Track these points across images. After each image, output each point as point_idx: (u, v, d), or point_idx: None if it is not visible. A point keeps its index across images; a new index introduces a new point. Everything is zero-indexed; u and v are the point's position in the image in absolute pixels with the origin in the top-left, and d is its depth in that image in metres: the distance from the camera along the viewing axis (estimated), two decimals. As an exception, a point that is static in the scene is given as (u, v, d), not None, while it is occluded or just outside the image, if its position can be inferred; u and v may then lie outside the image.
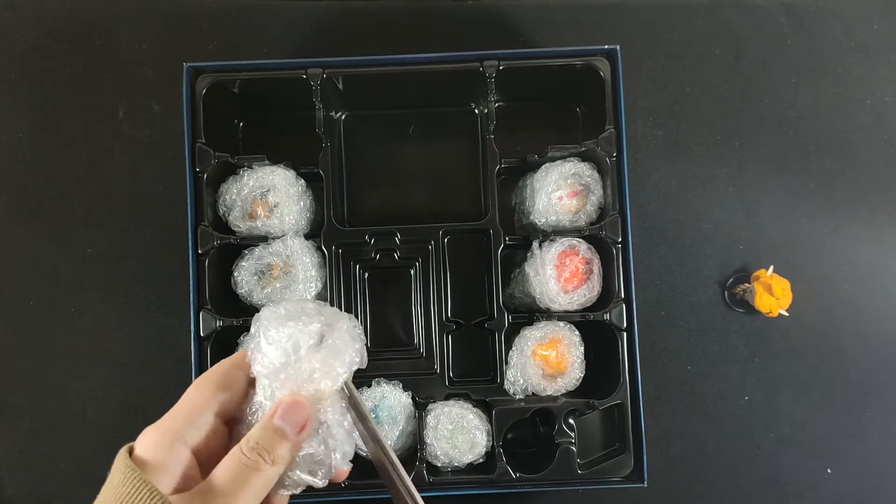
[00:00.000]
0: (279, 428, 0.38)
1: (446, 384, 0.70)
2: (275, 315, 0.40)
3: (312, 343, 0.39)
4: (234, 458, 0.38)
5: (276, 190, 0.67)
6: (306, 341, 0.39)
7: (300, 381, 0.39)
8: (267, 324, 0.40)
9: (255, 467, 0.37)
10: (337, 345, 0.40)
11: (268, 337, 0.39)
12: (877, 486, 0.74)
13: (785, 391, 0.75)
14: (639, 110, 0.76)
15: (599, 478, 0.67)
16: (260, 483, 0.38)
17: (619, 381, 0.66)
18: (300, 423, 0.39)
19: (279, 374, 0.39)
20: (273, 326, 0.40)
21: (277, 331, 0.39)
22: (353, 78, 0.69)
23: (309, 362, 0.39)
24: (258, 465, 0.38)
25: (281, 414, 0.39)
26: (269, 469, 0.38)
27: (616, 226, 0.67)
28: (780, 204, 0.76)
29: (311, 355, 0.39)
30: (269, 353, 0.39)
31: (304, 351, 0.39)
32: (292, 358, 0.39)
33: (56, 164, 0.75)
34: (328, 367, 0.40)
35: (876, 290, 0.76)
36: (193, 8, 0.77)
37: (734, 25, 0.78)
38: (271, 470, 0.38)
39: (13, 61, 0.76)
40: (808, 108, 0.77)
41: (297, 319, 0.40)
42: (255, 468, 0.37)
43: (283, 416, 0.39)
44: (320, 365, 0.39)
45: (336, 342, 0.40)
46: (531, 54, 0.70)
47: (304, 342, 0.39)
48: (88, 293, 0.74)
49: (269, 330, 0.40)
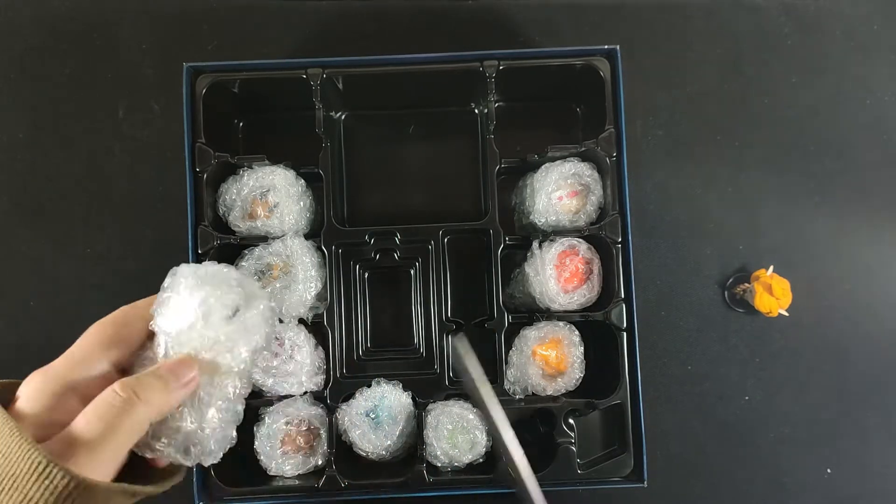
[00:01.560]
0: (160, 374, 0.37)
1: (446, 384, 0.70)
2: (193, 274, 0.38)
3: (225, 314, 0.38)
4: (102, 398, 0.36)
5: (276, 190, 0.67)
6: (219, 311, 0.38)
7: (200, 348, 0.38)
8: (183, 281, 0.38)
9: (124, 406, 0.35)
10: (248, 324, 0.38)
11: (180, 294, 0.38)
12: (877, 486, 0.74)
13: (785, 391, 0.75)
14: (639, 110, 0.76)
15: (599, 478, 0.67)
16: (127, 425, 0.36)
17: (619, 381, 0.66)
18: (184, 377, 0.37)
19: (181, 335, 0.37)
20: (188, 285, 0.38)
21: (191, 292, 0.38)
22: (353, 78, 0.69)
23: (215, 332, 0.37)
24: (128, 402, 0.36)
25: (168, 365, 0.37)
26: (139, 408, 0.36)
27: (616, 226, 0.67)
28: (780, 204, 0.76)
29: (219, 326, 0.38)
30: (178, 312, 0.37)
31: (213, 318, 0.37)
32: (199, 323, 0.37)
33: (56, 164, 0.75)
34: (232, 343, 0.38)
35: (876, 290, 0.76)
36: (193, 8, 0.77)
37: (734, 25, 0.78)
38: (140, 410, 0.36)
39: (13, 61, 0.76)
40: (808, 108, 0.77)
41: (215, 286, 0.38)
42: (123, 407, 0.35)
43: (170, 367, 0.37)
44: (225, 339, 0.38)
45: (248, 321, 0.38)
46: (531, 54, 0.70)
47: (217, 311, 0.38)
48: (88, 293, 0.74)
49: (182, 287, 0.38)
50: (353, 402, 0.66)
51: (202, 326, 0.37)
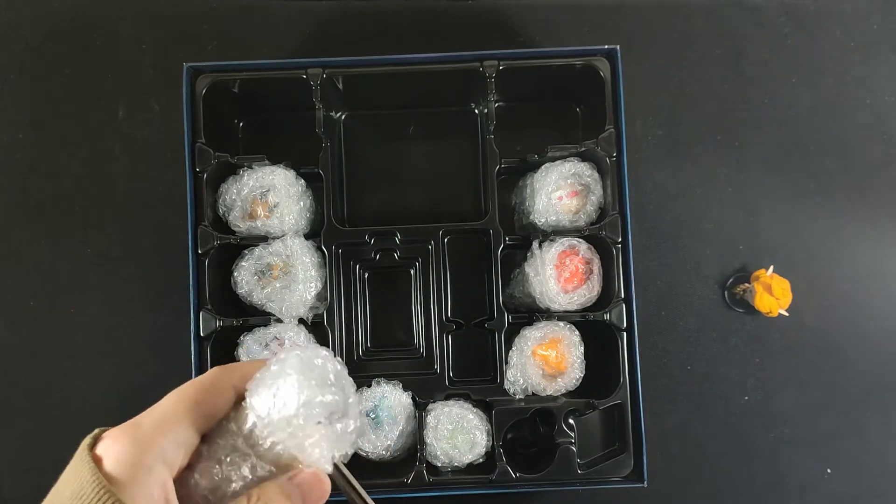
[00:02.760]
0: (294, 496, 0.35)
1: (446, 384, 0.70)
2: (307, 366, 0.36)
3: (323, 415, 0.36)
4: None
5: (276, 190, 0.67)
6: (320, 413, 0.36)
7: (288, 443, 0.36)
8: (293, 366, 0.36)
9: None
10: (346, 435, 0.36)
11: (286, 382, 0.35)
12: (877, 486, 0.74)
13: (785, 391, 0.75)
14: (639, 110, 0.76)
15: (599, 478, 0.67)
16: None
17: (619, 381, 0.66)
18: (315, 499, 0.35)
19: (273, 424, 0.35)
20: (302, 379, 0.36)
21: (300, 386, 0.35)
22: (353, 78, 0.69)
23: (305, 433, 0.35)
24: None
25: (300, 481, 0.35)
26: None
27: (616, 226, 0.67)
28: (780, 204, 0.76)
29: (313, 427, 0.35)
30: (278, 400, 0.35)
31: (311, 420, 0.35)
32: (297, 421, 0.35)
33: (56, 164, 0.75)
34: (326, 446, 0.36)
35: (876, 290, 0.76)
36: (193, 8, 0.77)
37: (734, 25, 0.78)
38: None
39: (13, 61, 0.76)
40: (808, 108, 0.77)
41: (322, 385, 0.36)
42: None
43: (303, 484, 0.35)
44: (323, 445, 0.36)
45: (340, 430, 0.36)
46: (531, 54, 0.70)
47: (317, 412, 0.35)
48: (88, 293, 0.74)
49: (291, 378, 0.35)
50: (353, 402, 0.66)
51: (299, 427, 0.35)
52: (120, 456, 0.32)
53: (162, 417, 0.34)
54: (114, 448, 0.32)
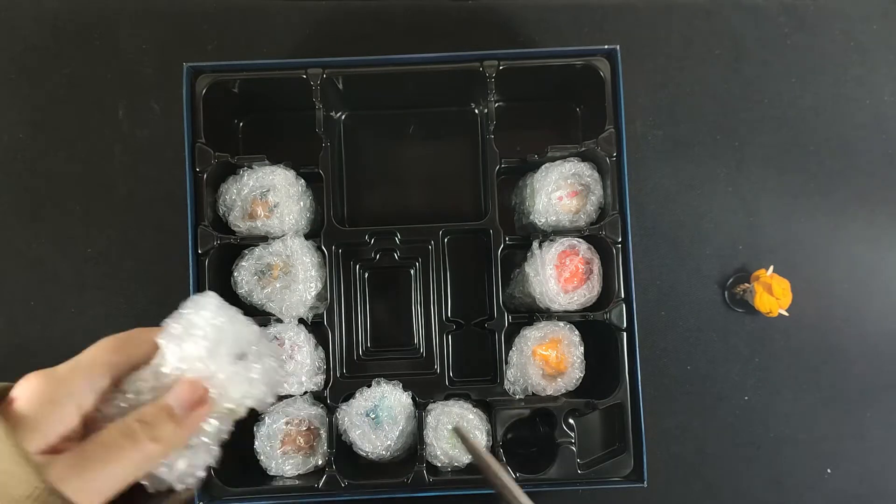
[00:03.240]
0: (170, 407, 0.36)
1: (446, 384, 0.70)
2: (217, 305, 0.38)
3: (233, 353, 0.37)
4: (115, 425, 0.35)
5: (276, 190, 0.67)
6: (228, 347, 0.37)
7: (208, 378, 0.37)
8: (206, 305, 0.38)
9: (135, 439, 0.35)
10: (251, 373, 0.38)
11: (197, 315, 0.37)
12: (877, 486, 0.74)
13: (785, 391, 0.75)
14: (639, 110, 0.76)
15: (599, 478, 0.67)
16: (136, 459, 0.35)
17: (619, 381, 0.66)
18: (193, 403, 0.37)
19: (184, 358, 0.37)
20: (210, 310, 0.37)
21: (209, 319, 0.37)
22: (353, 78, 0.69)
23: (216, 366, 0.37)
24: (138, 438, 0.35)
25: (176, 394, 0.36)
26: (149, 446, 0.35)
27: (616, 226, 0.67)
28: (780, 204, 0.76)
29: (224, 362, 0.37)
30: (188, 334, 0.37)
31: (221, 353, 0.37)
32: (205, 351, 0.37)
33: (56, 164, 0.75)
34: (230, 383, 0.37)
35: (876, 290, 0.76)
36: (193, 8, 0.77)
37: (734, 25, 0.78)
38: (151, 447, 0.35)
39: (13, 61, 0.76)
40: (808, 108, 0.77)
41: (234, 324, 0.38)
42: (134, 440, 0.35)
43: (179, 396, 0.36)
44: (224, 377, 0.37)
45: (252, 370, 0.38)
46: (531, 54, 0.70)
47: (226, 347, 0.37)
48: (88, 293, 0.74)
49: (202, 312, 0.37)
50: (353, 402, 0.66)
51: (209, 354, 0.37)
52: (31, 394, 0.34)
53: (77, 363, 0.36)
54: (27, 387, 0.35)
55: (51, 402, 0.34)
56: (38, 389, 0.35)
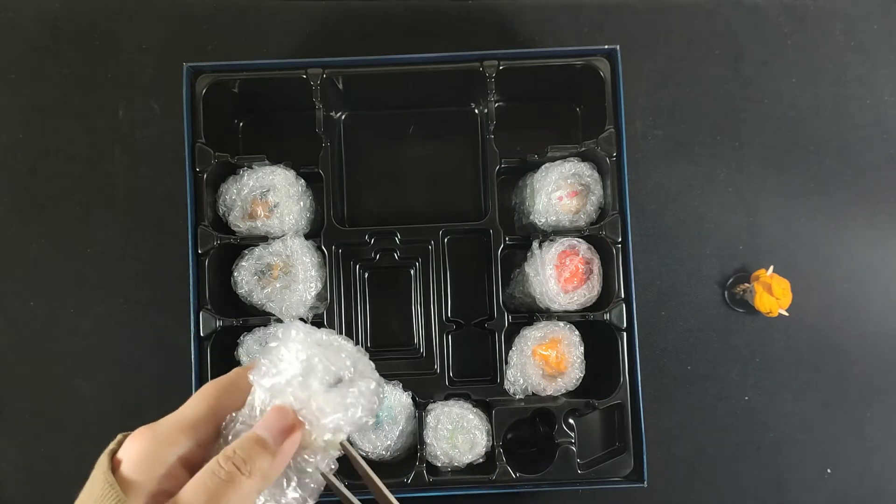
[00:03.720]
0: (261, 437, 0.34)
1: (446, 384, 0.70)
2: (306, 333, 0.36)
3: (326, 380, 0.35)
4: (206, 470, 0.34)
5: (276, 190, 0.67)
6: (321, 374, 0.35)
7: (300, 409, 0.35)
8: (294, 335, 0.36)
9: (230, 479, 0.33)
10: (348, 399, 0.35)
11: (286, 347, 0.36)
12: (877, 486, 0.74)
13: (785, 391, 0.75)
14: (639, 110, 0.76)
15: (599, 478, 0.67)
16: (235, 498, 0.33)
17: (619, 381, 0.66)
18: (283, 432, 0.35)
19: (276, 389, 0.35)
20: (297, 340, 0.36)
21: (299, 348, 0.35)
22: (353, 78, 0.69)
23: (308, 394, 0.35)
24: (233, 477, 0.33)
25: (264, 422, 0.35)
26: (245, 482, 0.33)
27: (616, 226, 0.67)
28: (780, 204, 0.76)
29: (316, 390, 0.35)
30: (278, 365, 0.35)
31: (313, 381, 0.35)
32: (297, 381, 0.35)
33: (56, 164, 0.75)
34: (323, 413, 0.35)
35: (876, 290, 0.76)
36: (193, 8, 0.77)
37: (734, 25, 0.78)
38: (248, 483, 0.34)
39: (13, 61, 0.76)
40: (808, 108, 0.77)
41: (325, 349, 0.36)
42: (229, 481, 0.33)
43: (266, 424, 0.35)
44: (316, 407, 0.35)
45: (349, 395, 0.35)
46: (531, 54, 0.70)
47: (318, 374, 0.35)
48: (88, 293, 0.74)
49: (290, 342, 0.36)
50: (353, 402, 0.66)
51: (299, 385, 0.35)
52: (138, 454, 0.34)
53: (183, 417, 0.36)
54: (133, 448, 0.34)
55: (157, 463, 0.34)
56: (144, 451, 0.34)
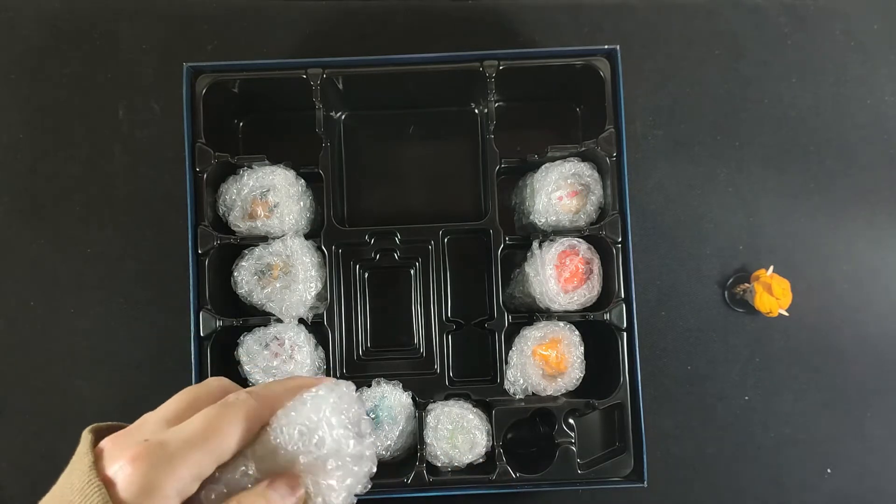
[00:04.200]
0: (270, 497, 0.33)
1: (446, 384, 0.70)
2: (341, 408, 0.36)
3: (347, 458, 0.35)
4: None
5: (276, 190, 0.67)
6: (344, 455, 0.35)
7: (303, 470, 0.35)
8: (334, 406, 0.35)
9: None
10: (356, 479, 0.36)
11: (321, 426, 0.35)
12: (877, 486, 0.74)
13: (785, 391, 0.75)
14: (639, 110, 0.76)
15: (599, 478, 0.67)
16: None
17: (619, 381, 0.66)
18: (291, 499, 0.34)
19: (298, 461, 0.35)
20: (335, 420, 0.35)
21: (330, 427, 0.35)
22: (353, 78, 0.69)
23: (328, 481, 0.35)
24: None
25: (275, 483, 0.34)
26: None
27: (616, 226, 0.67)
28: (780, 204, 0.76)
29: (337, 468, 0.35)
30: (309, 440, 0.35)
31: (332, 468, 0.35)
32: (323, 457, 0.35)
33: (56, 164, 0.75)
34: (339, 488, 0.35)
35: (876, 290, 0.76)
36: (193, 8, 0.77)
37: (734, 25, 0.78)
38: None
39: (13, 61, 0.76)
40: (808, 108, 0.77)
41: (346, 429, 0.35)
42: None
43: (277, 485, 0.34)
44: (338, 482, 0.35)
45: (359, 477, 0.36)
46: (531, 54, 0.70)
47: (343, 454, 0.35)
48: (88, 293, 0.74)
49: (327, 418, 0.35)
50: (353, 402, 0.66)
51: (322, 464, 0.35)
52: (137, 482, 0.31)
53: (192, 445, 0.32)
54: (131, 473, 0.31)
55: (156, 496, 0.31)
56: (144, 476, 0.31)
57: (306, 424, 0.35)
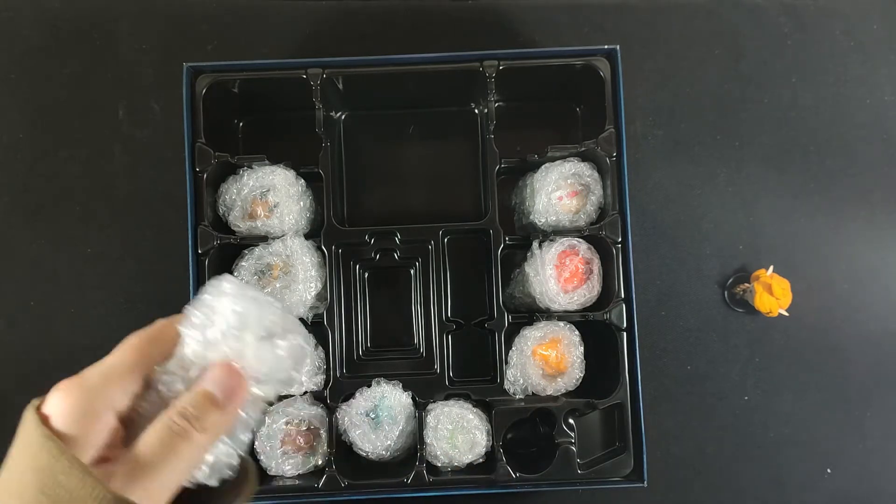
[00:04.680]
0: (211, 394, 0.35)
1: (446, 384, 0.70)
2: (238, 286, 0.37)
3: (259, 334, 0.36)
4: (161, 424, 0.34)
5: (276, 190, 0.67)
6: (254, 328, 0.36)
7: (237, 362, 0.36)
8: (228, 288, 0.36)
9: (184, 435, 0.34)
10: (279, 352, 0.37)
11: (220, 300, 0.36)
12: (877, 486, 0.74)
13: (785, 391, 0.75)
14: (639, 110, 0.76)
15: (599, 478, 0.67)
16: (189, 453, 0.35)
17: (619, 381, 0.66)
18: (232, 389, 0.36)
19: (210, 343, 0.36)
20: (231, 294, 0.36)
21: (233, 301, 0.36)
22: (353, 78, 0.69)
23: (243, 346, 0.36)
24: (187, 432, 0.34)
25: (213, 379, 0.36)
26: (197, 437, 0.35)
27: (616, 226, 0.67)
28: (780, 204, 0.76)
29: (251, 343, 0.36)
30: (212, 317, 0.36)
31: (247, 334, 0.36)
32: (232, 332, 0.36)
33: (56, 164, 0.75)
34: (259, 364, 0.36)
35: (876, 290, 0.76)
36: (193, 8, 0.77)
37: (734, 25, 0.78)
38: (201, 438, 0.35)
39: (13, 61, 0.76)
40: (808, 108, 0.77)
41: (258, 304, 0.37)
42: (183, 436, 0.34)
43: (216, 381, 0.36)
44: (253, 358, 0.36)
45: (280, 348, 0.37)
46: (531, 54, 0.70)
47: (252, 328, 0.36)
48: (88, 293, 0.74)
49: (224, 296, 0.36)
50: (353, 402, 0.66)
51: (234, 338, 0.36)
52: (68, 408, 0.34)
53: (110, 368, 0.36)
54: (62, 402, 0.34)
55: (89, 415, 0.34)
56: (72, 403, 0.34)
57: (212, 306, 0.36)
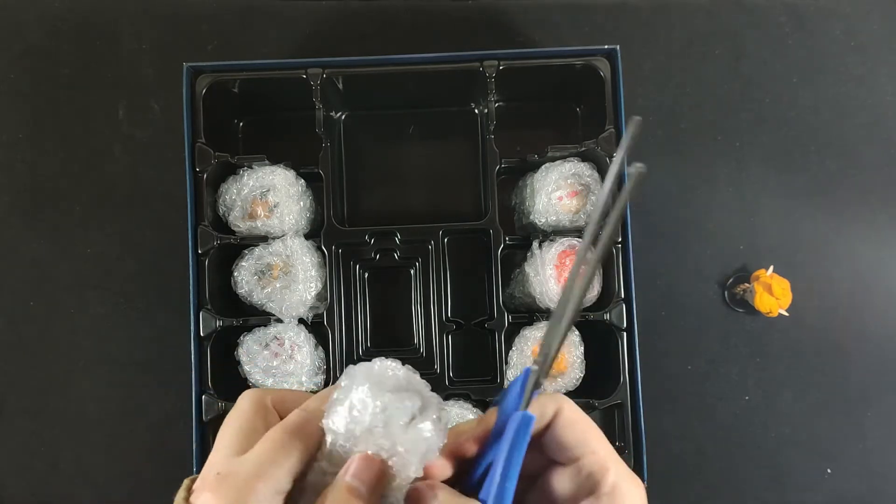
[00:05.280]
0: (352, 486, 0.34)
1: (446, 384, 0.70)
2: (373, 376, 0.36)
3: (404, 421, 0.35)
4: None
5: (276, 190, 0.67)
6: (399, 418, 0.35)
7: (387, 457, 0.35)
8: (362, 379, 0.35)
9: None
10: (424, 433, 0.35)
11: (359, 396, 0.35)
12: (877, 486, 0.74)
13: (785, 391, 0.75)
14: (639, 110, 0.76)
15: (599, 478, 0.67)
16: None
17: (619, 381, 0.66)
18: (374, 480, 0.34)
19: (356, 440, 0.35)
20: (369, 387, 0.35)
21: (373, 396, 0.35)
22: (353, 78, 0.69)
23: (393, 441, 0.35)
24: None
25: (353, 471, 0.34)
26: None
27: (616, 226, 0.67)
28: (780, 204, 0.76)
29: (398, 434, 0.35)
30: (355, 415, 0.35)
31: (393, 426, 0.35)
32: (379, 430, 0.34)
33: (56, 164, 0.75)
34: (410, 453, 0.35)
35: (876, 290, 0.76)
36: (193, 8, 0.77)
37: (734, 25, 0.78)
38: None
39: (13, 61, 0.76)
40: (808, 108, 0.77)
41: (396, 391, 0.35)
42: None
43: (356, 473, 0.34)
44: (404, 449, 0.35)
45: (425, 430, 0.35)
46: (531, 54, 0.70)
47: (397, 418, 0.35)
48: (88, 293, 0.74)
49: (362, 390, 0.35)
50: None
51: (381, 434, 0.34)
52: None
53: (261, 467, 0.33)
54: (213, 501, 0.32)
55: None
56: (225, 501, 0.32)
57: (352, 403, 0.35)
